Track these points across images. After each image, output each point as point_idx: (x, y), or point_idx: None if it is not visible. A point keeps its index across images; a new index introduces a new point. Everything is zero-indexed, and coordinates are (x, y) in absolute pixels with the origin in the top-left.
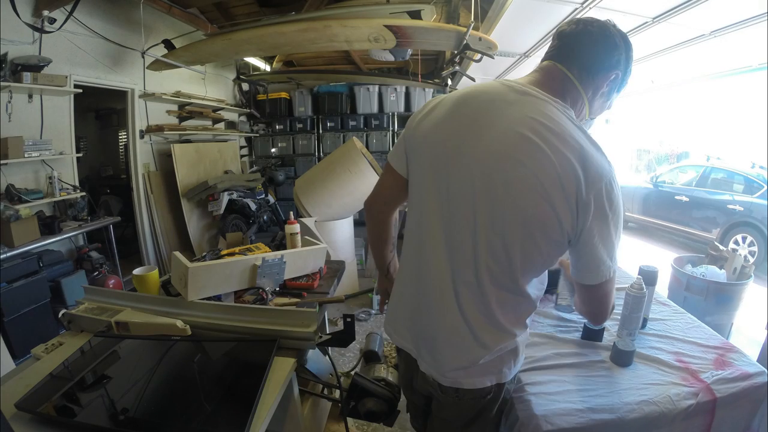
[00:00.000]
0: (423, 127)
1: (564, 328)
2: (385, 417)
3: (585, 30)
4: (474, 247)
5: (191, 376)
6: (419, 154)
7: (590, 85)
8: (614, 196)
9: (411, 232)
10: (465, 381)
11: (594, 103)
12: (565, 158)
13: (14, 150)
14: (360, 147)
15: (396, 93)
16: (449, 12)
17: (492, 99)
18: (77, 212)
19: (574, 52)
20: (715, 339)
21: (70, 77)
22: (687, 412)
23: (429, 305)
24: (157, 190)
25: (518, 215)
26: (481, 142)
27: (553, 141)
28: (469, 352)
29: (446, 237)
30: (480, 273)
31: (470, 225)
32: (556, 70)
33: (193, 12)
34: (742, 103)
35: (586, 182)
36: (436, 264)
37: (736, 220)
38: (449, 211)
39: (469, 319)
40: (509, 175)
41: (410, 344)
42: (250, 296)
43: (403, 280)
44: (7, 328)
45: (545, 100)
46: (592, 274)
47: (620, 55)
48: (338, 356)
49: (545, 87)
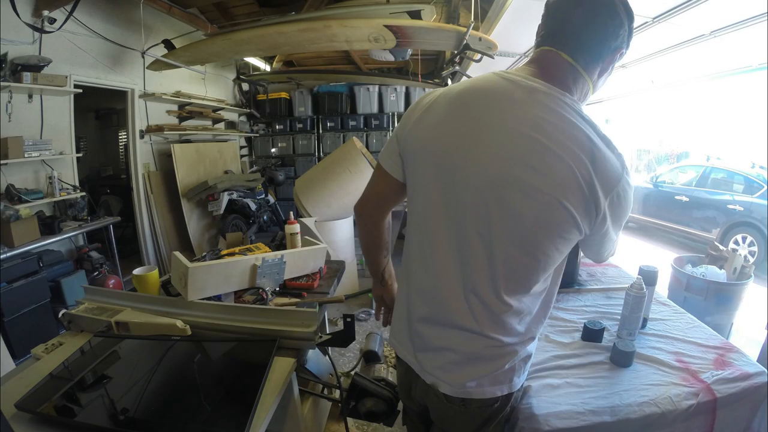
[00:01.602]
0: (420, 130)
1: (564, 328)
2: (385, 417)
3: (586, 6)
4: (488, 258)
5: (191, 376)
6: (420, 161)
7: (595, 69)
8: (629, 194)
9: (415, 244)
10: (475, 391)
11: (597, 83)
12: (578, 161)
13: (14, 150)
14: (360, 147)
15: (396, 93)
16: (449, 12)
17: (496, 98)
18: (77, 212)
19: (577, 37)
20: (715, 339)
21: (70, 77)
22: (687, 412)
23: (439, 318)
24: (157, 190)
25: (536, 223)
26: (488, 147)
27: (565, 143)
28: (484, 364)
29: (457, 249)
30: (496, 284)
31: (483, 236)
32: (559, 60)
33: (193, 12)
34: (742, 103)
35: (601, 185)
36: (445, 277)
37: (736, 220)
38: (457, 222)
39: (485, 332)
40: (522, 183)
41: (413, 357)
42: (250, 296)
43: (409, 292)
44: (7, 328)
45: (553, 95)
46: (603, 254)
47: (625, 30)
48: (338, 356)
49: (550, 78)
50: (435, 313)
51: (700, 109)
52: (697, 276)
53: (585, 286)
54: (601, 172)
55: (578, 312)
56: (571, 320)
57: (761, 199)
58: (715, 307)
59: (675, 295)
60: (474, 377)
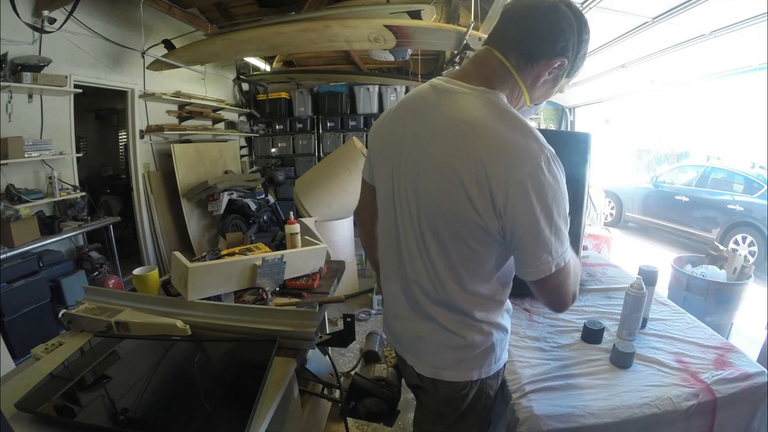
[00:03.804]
0: (377, 140)
1: (564, 328)
2: (385, 417)
3: (528, 10)
4: (421, 253)
5: (191, 376)
6: (376, 167)
7: (529, 73)
8: (541, 187)
9: (379, 240)
10: (445, 373)
11: (534, 91)
12: (481, 152)
13: (14, 150)
14: (360, 147)
15: (396, 93)
16: (449, 12)
17: (417, 104)
18: (77, 212)
19: (512, 37)
20: (715, 339)
21: (70, 77)
22: (688, 413)
23: (398, 309)
24: (157, 190)
25: (449, 220)
26: (412, 149)
27: (471, 136)
28: (443, 351)
29: (399, 243)
30: (430, 272)
31: (414, 233)
32: (490, 57)
33: (193, 12)
34: (742, 103)
35: (500, 171)
36: (391, 270)
37: (736, 220)
38: (395, 220)
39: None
40: (437, 183)
41: (394, 341)
42: (250, 296)
43: (382, 283)
44: (7, 328)
45: (466, 92)
46: (531, 270)
47: (567, 40)
48: (338, 356)
49: (473, 77)
50: (395, 305)
51: (700, 109)
52: (697, 276)
53: (585, 286)
54: (506, 160)
55: (578, 312)
56: (571, 320)
57: (761, 199)
58: (715, 307)
59: (675, 295)
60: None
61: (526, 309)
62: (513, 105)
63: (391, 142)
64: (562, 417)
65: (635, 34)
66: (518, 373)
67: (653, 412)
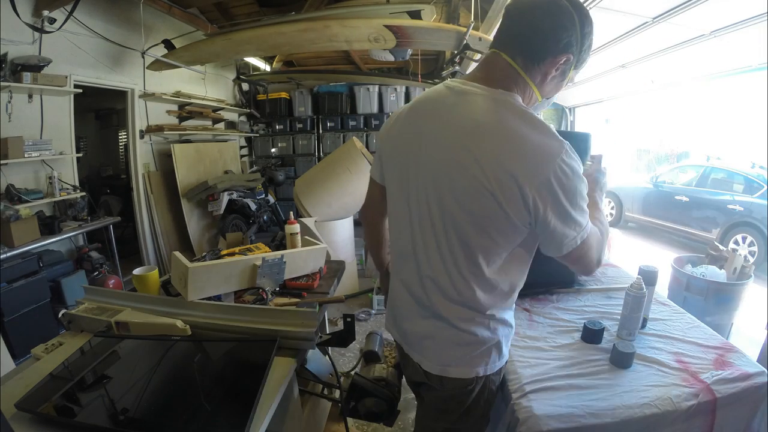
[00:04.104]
0: (389, 140)
1: (564, 328)
2: (385, 417)
3: (529, 9)
4: (440, 250)
5: (191, 376)
6: (388, 167)
7: (537, 72)
8: (566, 178)
9: (391, 238)
10: (452, 370)
11: (544, 87)
12: (505, 153)
13: (14, 150)
14: (360, 147)
15: (396, 93)
16: (449, 12)
17: (435, 106)
18: (77, 212)
19: (517, 39)
20: (715, 339)
21: (70, 77)
22: (688, 413)
23: (407, 306)
24: (157, 190)
25: (475, 217)
26: (429, 150)
27: (492, 138)
28: (451, 349)
29: (414, 241)
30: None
31: (434, 231)
32: (499, 60)
33: (193, 12)
34: (742, 103)
35: (529, 175)
36: (407, 268)
37: (736, 220)
38: (410, 218)
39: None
40: (456, 183)
41: (400, 339)
42: (250, 296)
43: (392, 281)
44: (7, 328)
45: (484, 94)
46: (558, 247)
47: (570, 36)
48: (338, 356)
49: (487, 80)
50: (405, 304)
51: (700, 109)
52: (697, 276)
53: (585, 286)
54: (531, 160)
55: (578, 312)
56: (571, 320)
57: (761, 199)
58: (715, 307)
59: (675, 295)
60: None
61: (526, 309)
62: (526, 103)
63: (407, 142)
64: (562, 417)
65: (635, 34)
66: (518, 372)
67: (653, 412)
